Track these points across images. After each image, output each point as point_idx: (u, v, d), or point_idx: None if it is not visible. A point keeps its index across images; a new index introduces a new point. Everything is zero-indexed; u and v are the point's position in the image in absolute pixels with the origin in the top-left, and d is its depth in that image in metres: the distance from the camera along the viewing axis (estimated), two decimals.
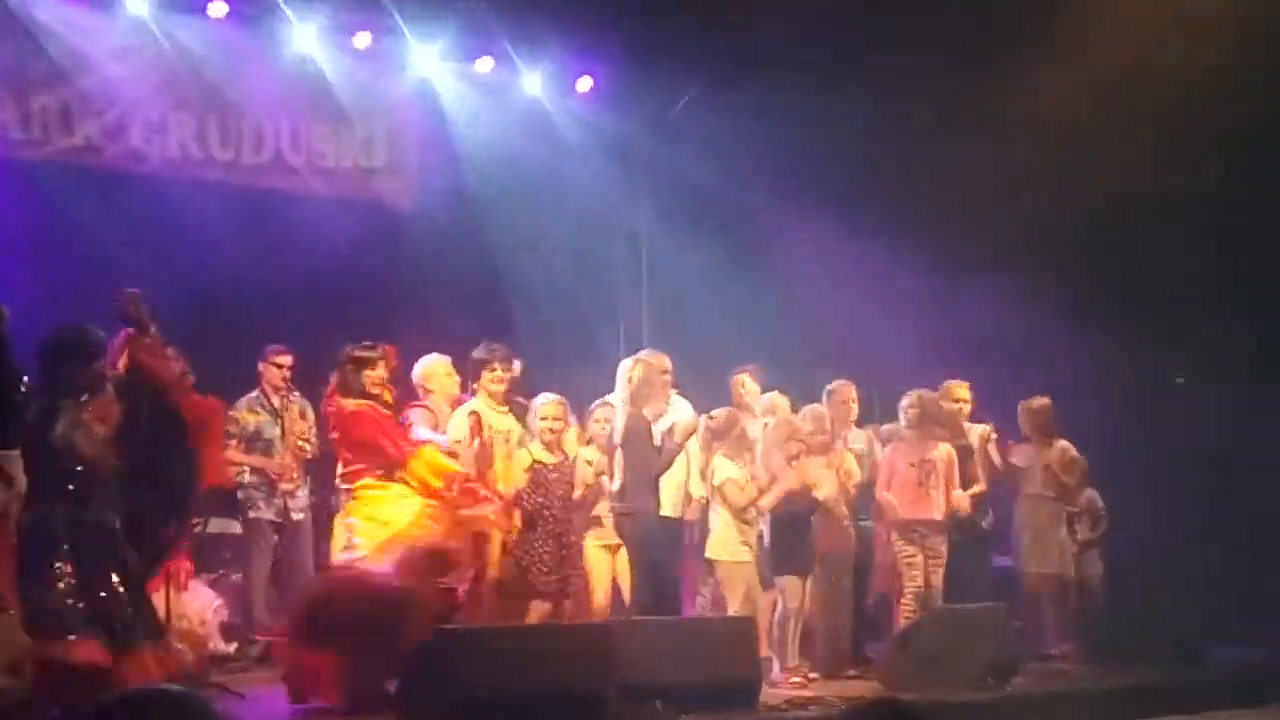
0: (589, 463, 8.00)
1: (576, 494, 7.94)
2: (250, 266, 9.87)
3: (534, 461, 7.83)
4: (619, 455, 8.22)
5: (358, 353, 7.37)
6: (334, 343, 7.72)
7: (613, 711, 6.53)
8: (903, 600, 8.71)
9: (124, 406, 6.50)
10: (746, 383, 9.35)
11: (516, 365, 8.33)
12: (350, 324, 8.41)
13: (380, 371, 7.37)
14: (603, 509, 8.13)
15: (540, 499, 7.80)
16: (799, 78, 11.13)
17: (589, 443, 8.18)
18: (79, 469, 6.26)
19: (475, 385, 8.12)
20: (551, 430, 7.88)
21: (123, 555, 6.36)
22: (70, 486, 6.24)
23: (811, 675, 8.26)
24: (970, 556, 9.09)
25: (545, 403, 7.98)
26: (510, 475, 7.85)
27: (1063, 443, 9.61)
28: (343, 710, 6.84)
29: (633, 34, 11.23)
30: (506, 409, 8.16)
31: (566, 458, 7.97)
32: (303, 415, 9.12)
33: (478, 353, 8.12)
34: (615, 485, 8.19)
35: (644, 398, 8.30)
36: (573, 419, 8.28)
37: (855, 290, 11.15)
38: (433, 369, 8.26)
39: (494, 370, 8.08)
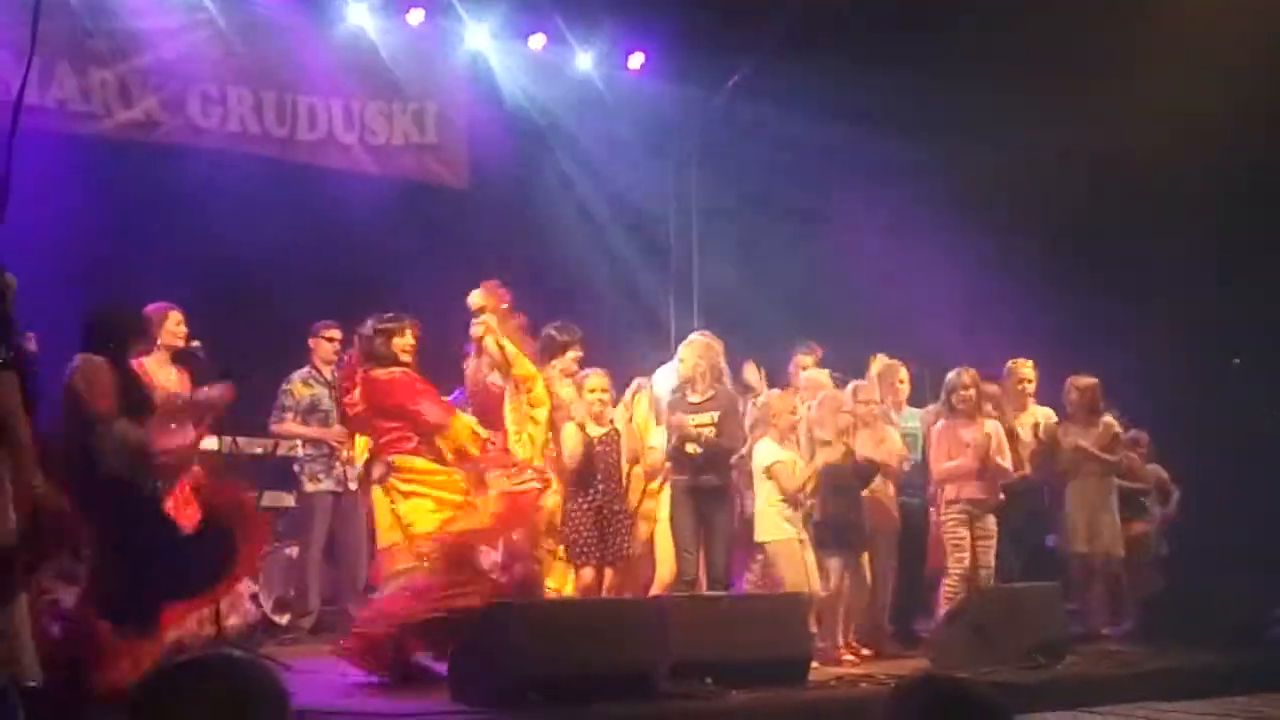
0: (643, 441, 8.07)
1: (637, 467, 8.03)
2: (301, 242, 9.95)
3: (582, 433, 7.88)
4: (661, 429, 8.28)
5: (383, 324, 7.41)
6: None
7: (663, 688, 6.53)
8: (946, 580, 8.67)
9: None
10: (805, 362, 9.35)
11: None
12: (400, 300, 8.44)
13: (409, 339, 7.41)
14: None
15: (585, 470, 7.85)
16: (851, 53, 11.08)
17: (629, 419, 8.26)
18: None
19: (555, 363, 8.11)
20: (601, 403, 7.94)
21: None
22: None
23: (863, 652, 8.27)
24: (1021, 536, 9.05)
25: (592, 376, 8.05)
26: (568, 446, 7.92)
27: (1107, 418, 9.51)
28: (394, 683, 6.94)
29: (685, 10, 11.19)
30: (570, 382, 8.22)
31: (613, 430, 8.02)
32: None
33: (559, 334, 8.12)
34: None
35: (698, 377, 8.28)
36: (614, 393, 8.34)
37: (910, 268, 11.08)
38: None
39: (576, 351, 8.14)
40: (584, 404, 7.94)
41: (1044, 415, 9.44)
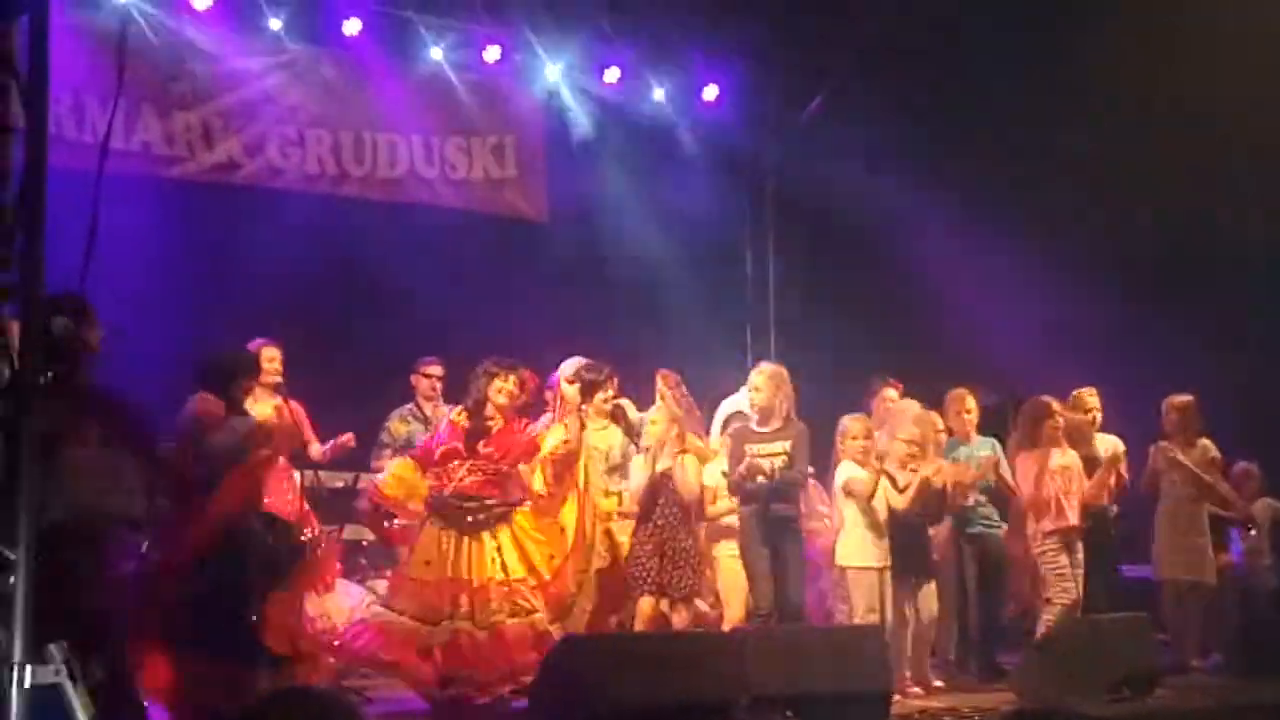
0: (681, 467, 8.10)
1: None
2: (386, 278, 10.05)
3: (650, 466, 7.96)
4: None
5: (489, 369, 7.55)
6: (471, 352, 7.88)
7: None
8: (1048, 611, 8.54)
9: None
10: (891, 396, 9.32)
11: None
12: (483, 334, 8.55)
13: (509, 384, 7.53)
14: (733, 518, 8.16)
15: (649, 502, 7.96)
16: (928, 80, 11.05)
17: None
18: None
19: (586, 404, 8.19)
20: (651, 436, 8.03)
21: None
22: None
23: (936, 684, 8.21)
24: (1100, 566, 8.90)
25: (658, 411, 8.18)
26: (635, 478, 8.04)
27: (1204, 441, 9.35)
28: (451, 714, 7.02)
29: (759, 41, 11.22)
30: (608, 424, 8.29)
31: (681, 464, 8.06)
32: None
33: (587, 373, 8.21)
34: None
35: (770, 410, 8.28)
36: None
37: (988, 296, 10.98)
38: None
39: (607, 391, 8.29)
40: (653, 438, 8.01)
41: (1111, 444, 9.29)
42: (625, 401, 8.51)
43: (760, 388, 8.17)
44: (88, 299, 4.99)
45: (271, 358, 8.05)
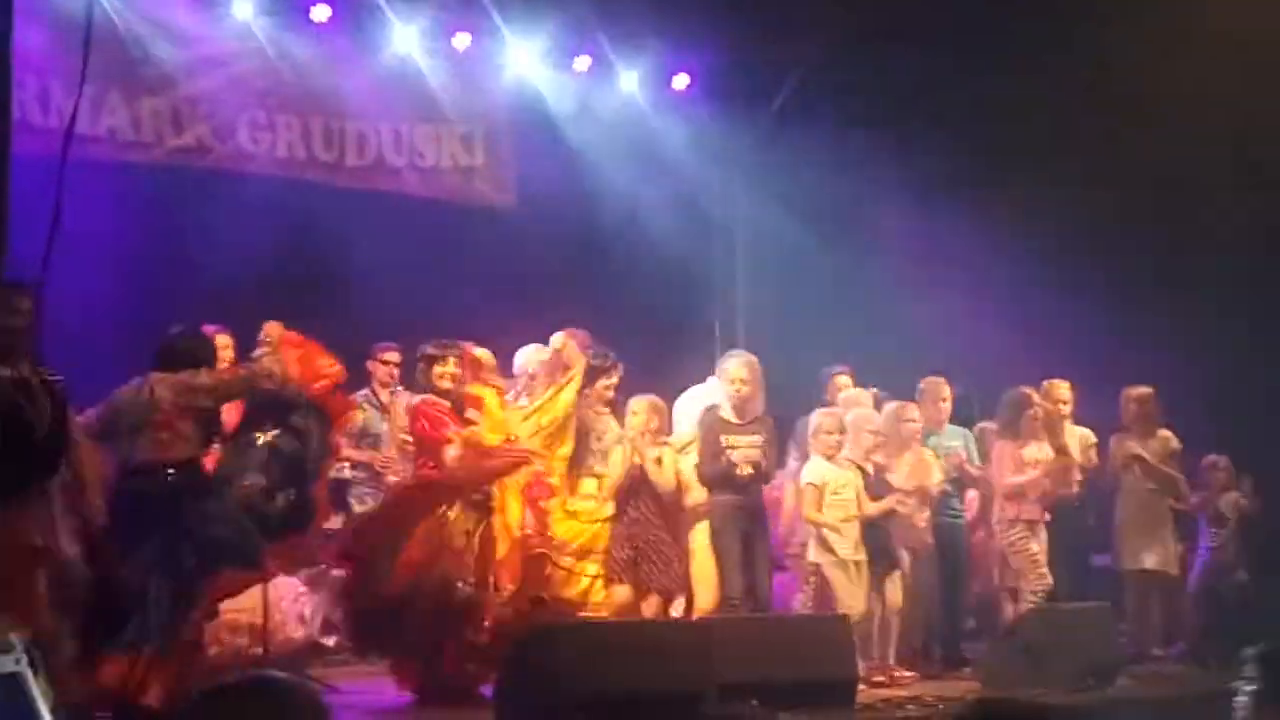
0: (657, 461, 8.08)
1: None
2: (353, 265, 10.01)
3: (628, 458, 7.97)
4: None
5: (429, 351, 7.57)
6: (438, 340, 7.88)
7: (709, 709, 6.51)
8: (1024, 600, 8.59)
9: None
10: (842, 383, 9.35)
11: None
12: (451, 322, 8.51)
13: (450, 367, 7.50)
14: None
15: (626, 492, 8.01)
16: (896, 73, 11.06)
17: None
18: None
19: (588, 389, 8.17)
20: (648, 429, 8.01)
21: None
22: None
23: (906, 674, 8.24)
24: (1069, 556, 8.96)
25: (635, 400, 8.19)
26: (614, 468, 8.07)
27: (1164, 433, 9.41)
28: (432, 704, 7.01)
29: (730, 31, 11.21)
30: (608, 411, 8.27)
31: (658, 457, 8.09)
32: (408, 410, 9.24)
33: (595, 359, 8.20)
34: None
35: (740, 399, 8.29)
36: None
37: (956, 286, 11.01)
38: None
39: (612, 378, 8.29)
40: (634, 429, 8.02)
41: (1081, 436, 9.35)
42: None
43: (747, 380, 8.19)
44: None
45: (225, 345, 8.02)
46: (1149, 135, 10.57)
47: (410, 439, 7.95)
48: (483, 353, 8.00)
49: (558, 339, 8.23)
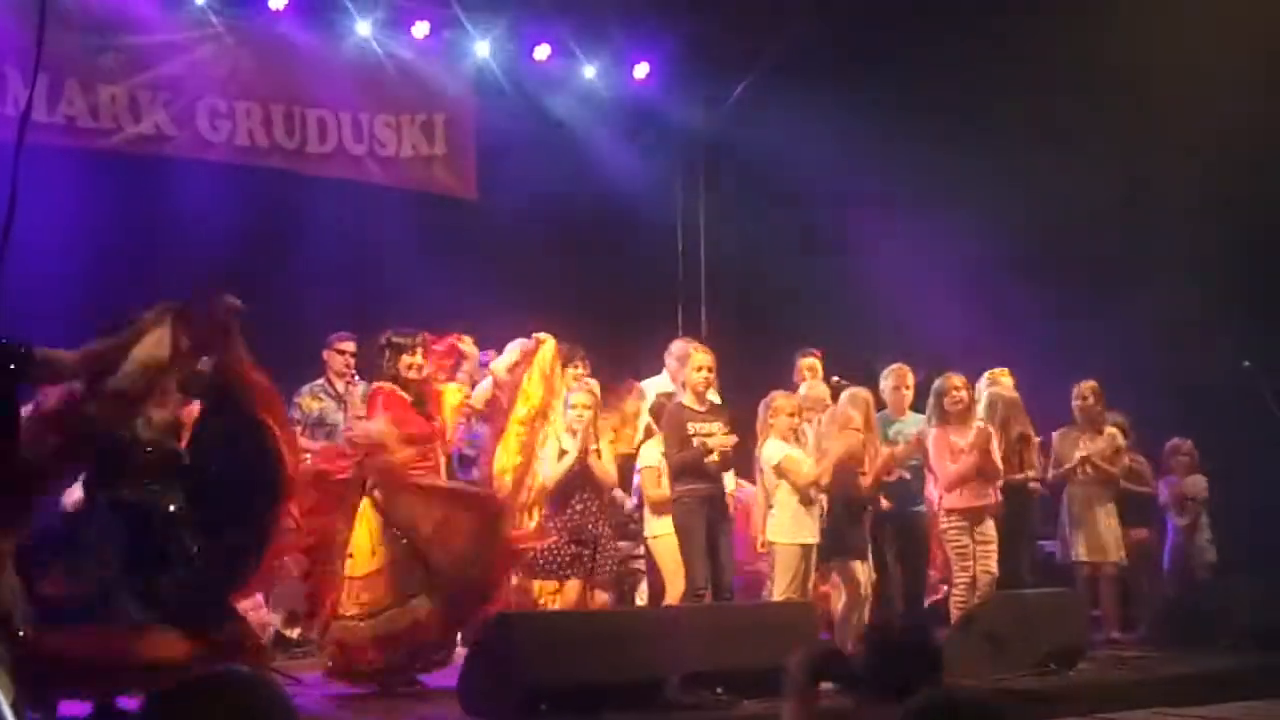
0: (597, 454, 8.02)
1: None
2: (313, 254, 9.96)
3: (562, 450, 7.89)
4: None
5: (393, 340, 7.43)
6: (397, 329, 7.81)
7: (674, 698, 6.52)
8: (954, 590, 8.64)
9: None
10: (811, 365, 9.38)
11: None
12: (411, 311, 8.46)
13: (417, 358, 7.41)
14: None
15: (563, 489, 7.86)
16: (857, 63, 11.09)
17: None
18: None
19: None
20: (581, 420, 7.88)
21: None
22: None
23: None
24: (1021, 543, 9.00)
25: (576, 393, 7.99)
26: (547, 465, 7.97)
27: (1110, 429, 9.47)
28: (384, 694, 6.98)
29: (691, 21, 11.21)
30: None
31: (596, 448, 8.01)
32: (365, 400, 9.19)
33: (562, 353, 8.19)
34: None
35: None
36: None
37: (918, 274, 11.04)
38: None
39: (578, 368, 8.32)
40: (564, 421, 7.92)
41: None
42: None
43: (712, 368, 8.19)
44: None
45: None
46: (1112, 122, 10.66)
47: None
48: (468, 345, 7.96)
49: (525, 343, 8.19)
